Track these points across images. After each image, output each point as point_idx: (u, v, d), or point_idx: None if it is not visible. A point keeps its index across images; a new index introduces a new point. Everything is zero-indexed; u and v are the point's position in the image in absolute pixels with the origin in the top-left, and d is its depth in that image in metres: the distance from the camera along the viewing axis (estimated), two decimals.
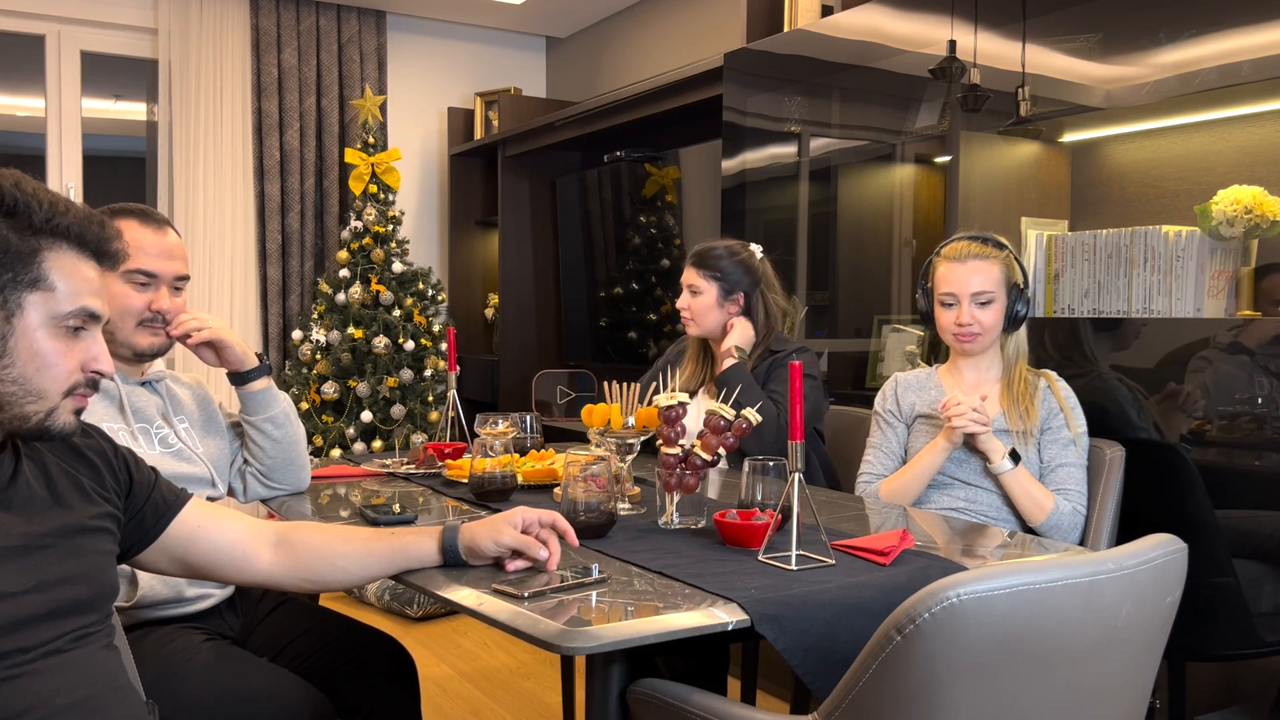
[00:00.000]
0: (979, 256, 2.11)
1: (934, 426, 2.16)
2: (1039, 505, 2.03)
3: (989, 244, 2.13)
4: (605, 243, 4.49)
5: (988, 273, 2.09)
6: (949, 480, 2.13)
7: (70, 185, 4.43)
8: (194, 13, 4.48)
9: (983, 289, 2.09)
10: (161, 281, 1.79)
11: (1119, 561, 1.14)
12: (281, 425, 1.95)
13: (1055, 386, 2.12)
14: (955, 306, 2.12)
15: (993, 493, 2.09)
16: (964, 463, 2.11)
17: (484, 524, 1.45)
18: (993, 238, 2.15)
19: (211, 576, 1.42)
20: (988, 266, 2.10)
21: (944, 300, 2.14)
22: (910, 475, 2.13)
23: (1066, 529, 2.02)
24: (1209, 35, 2.10)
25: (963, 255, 2.12)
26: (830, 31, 2.95)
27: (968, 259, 2.11)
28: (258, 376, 1.93)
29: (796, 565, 1.45)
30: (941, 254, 2.17)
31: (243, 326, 4.61)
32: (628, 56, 4.80)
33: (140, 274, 1.76)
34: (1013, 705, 1.12)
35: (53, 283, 1.13)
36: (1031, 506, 2.03)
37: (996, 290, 2.10)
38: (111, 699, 1.17)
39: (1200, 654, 2.11)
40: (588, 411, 1.93)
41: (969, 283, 2.09)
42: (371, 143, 4.40)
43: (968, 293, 2.10)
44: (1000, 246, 2.13)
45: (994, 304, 2.10)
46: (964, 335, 2.12)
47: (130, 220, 1.78)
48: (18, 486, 1.16)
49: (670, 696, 1.30)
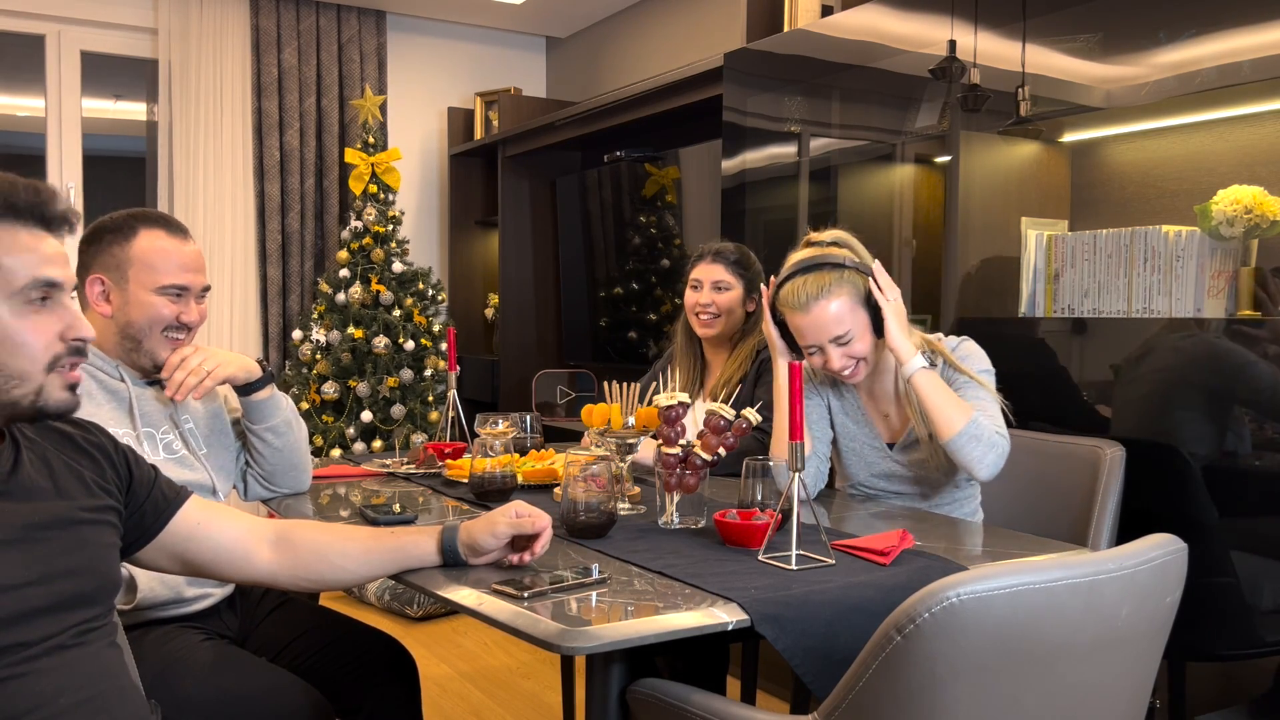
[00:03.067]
0: (819, 297, 1.87)
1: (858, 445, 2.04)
2: (957, 413, 1.80)
3: (824, 270, 1.89)
4: (605, 243, 4.49)
5: (836, 311, 1.88)
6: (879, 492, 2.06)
7: (70, 185, 4.43)
8: (194, 13, 4.48)
9: (838, 331, 1.88)
10: (191, 294, 1.81)
11: (1119, 561, 1.14)
12: (283, 434, 1.95)
13: (938, 346, 1.95)
14: (819, 353, 1.92)
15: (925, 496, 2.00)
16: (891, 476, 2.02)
17: (480, 521, 1.46)
18: (824, 258, 1.91)
19: (211, 574, 1.42)
20: (830, 303, 1.87)
21: (806, 349, 1.94)
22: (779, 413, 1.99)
23: (987, 443, 1.80)
24: (1209, 35, 2.09)
25: (803, 302, 1.89)
26: (830, 31, 2.95)
27: (809, 306, 1.88)
28: (262, 386, 1.92)
29: (796, 565, 1.45)
30: (782, 299, 1.94)
31: (243, 326, 4.62)
32: (628, 56, 4.80)
33: (174, 289, 1.77)
34: (1013, 705, 1.12)
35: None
36: (947, 414, 1.80)
37: (851, 321, 1.89)
38: (115, 698, 1.17)
39: (1200, 654, 2.11)
40: (588, 411, 1.93)
41: (822, 330, 1.89)
42: (371, 143, 4.40)
43: (825, 339, 1.90)
44: (836, 266, 1.89)
45: (855, 334, 1.89)
46: (844, 379, 1.95)
47: (157, 230, 1.78)
48: (19, 477, 1.16)
49: (670, 696, 1.30)
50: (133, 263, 1.76)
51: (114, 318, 1.77)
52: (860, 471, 2.08)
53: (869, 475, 2.07)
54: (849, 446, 2.09)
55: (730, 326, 2.51)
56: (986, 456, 1.81)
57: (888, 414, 2.05)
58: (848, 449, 2.09)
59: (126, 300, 1.76)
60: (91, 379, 1.76)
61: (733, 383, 2.46)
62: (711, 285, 2.50)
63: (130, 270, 1.76)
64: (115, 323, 1.77)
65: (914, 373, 1.85)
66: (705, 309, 2.50)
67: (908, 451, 2.01)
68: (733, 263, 2.51)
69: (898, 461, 2.02)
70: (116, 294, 1.76)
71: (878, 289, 1.90)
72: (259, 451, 1.94)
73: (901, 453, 2.02)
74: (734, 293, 2.49)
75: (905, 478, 2.02)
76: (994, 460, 1.82)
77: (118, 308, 1.76)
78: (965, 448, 1.80)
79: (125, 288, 1.76)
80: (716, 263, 2.51)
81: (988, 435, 1.81)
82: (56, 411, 1.16)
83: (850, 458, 2.09)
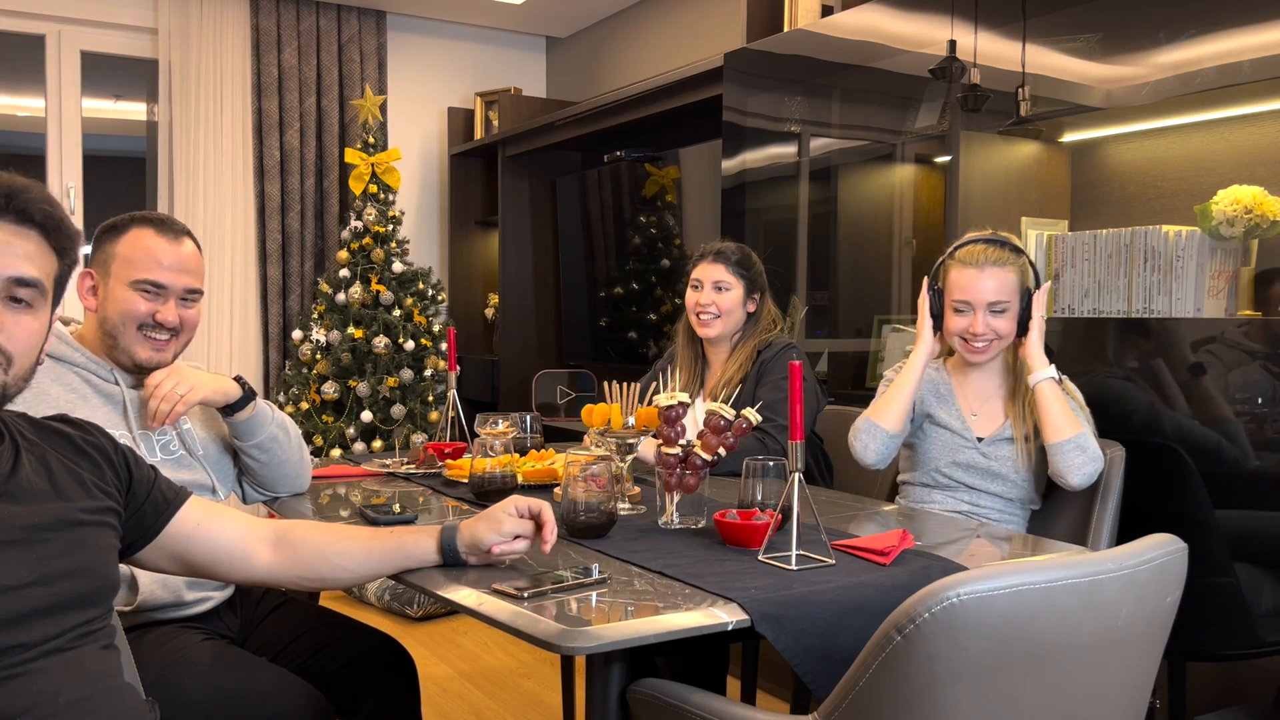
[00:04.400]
0: (996, 263, 2.03)
1: (944, 431, 2.14)
2: (1071, 423, 1.95)
3: (1006, 248, 2.05)
4: (605, 243, 4.49)
5: (1005, 280, 2.03)
6: (952, 483, 2.12)
7: (70, 185, 4.43)
8: (194, 13, 4.48)
9: (999, 298, 2.03)
10: (170, 294, 1.77)
11: (1119, 561, 1.14)
12: (269, 449, 1.91)
13: (1069, 385, 2.08)
14: (969, 314, 2.06)
15: (997, 496, 2.09)
16: (970, 467, 2.11)
17: (482, 518, 1.46)
18: (1009, 240, 2.07)
19: (211, 575, 1.42)
20: (1005, 274, 2.03)
21: (957, 306, 2.07)
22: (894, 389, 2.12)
23: (1090, 455, 1.94)
24: (1209, 35, 2.09)
25: (979, 261, 2.04)
26: (830, 31, 2.95)
27: (985, 265, 2.04)
28: (242, 406, 1.86)
29: (796, 565, 1.45)
30: (956, 257, 2.09)
31: (243, 326, 4.62)
32: (628, 56, 4.80)
33: (148, 284, 1.74)
34: (1013, 705, 1.12)
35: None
36: (1061, 422, 1.95)
37: (1012, 298, 2.04)
38: (114, 698, 1.17)
39: (1200, 654, 2.11)
40: (588, 411, 1.93)
41: (985, 291, 2.03)
42: (371, 143, 4.40)
43: (984, 302, 2.03)
44: (1017, 251, 2.06)
45: (1008, 312, 2.04)
46: (974, 345, 2.07)
47: (145, 228, 1.77)
48: (18, 478, 1.16)
49: (670, 696, 1.30)
50: (115, 257, 1.76)
51: (98, 312, 1.77)
52: (942, 457, 2.14)
53: (950, 463, 2.13)
54: (935, 432, 2.15)
55: (730, 326, 2.51)
56: (1085, 467, 1.95)
57: (976, 413, 2.13)
58: (934, 434, 2.16)
59: (106, 295, 1.76)
60: (85, 382, 1.76)
61: (733, 382, 2.45)
62: (712, 285, 2.49)
63: (113, 265, 1.76)
64: (98, 317, 1.77)
65: (1044, 379, 2.00)
66: (705, 309, 2.49)
67: (996, 446, 2.09)
68: (734, 263, 2.50)
69: (984, 455, 2.10)
70: (101, 288, 1.77)
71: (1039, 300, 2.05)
72: (250, 465, 1.93)
73: (990, 446, 2.10)
74: (735, 293, 2.49)
75: (984, 471, 2.09)
76: (1090, 472, 1.95)
77: (100, 302, 1.77)
78: (1070, 454, 1.95)
79: (107, 282, 1.76)
80: (717, 263, 2.51)
81: (1092, 449, 1.96)
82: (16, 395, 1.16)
83: (934, 444, 2.15)
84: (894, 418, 2.11)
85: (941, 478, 2.13)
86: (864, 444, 2.13)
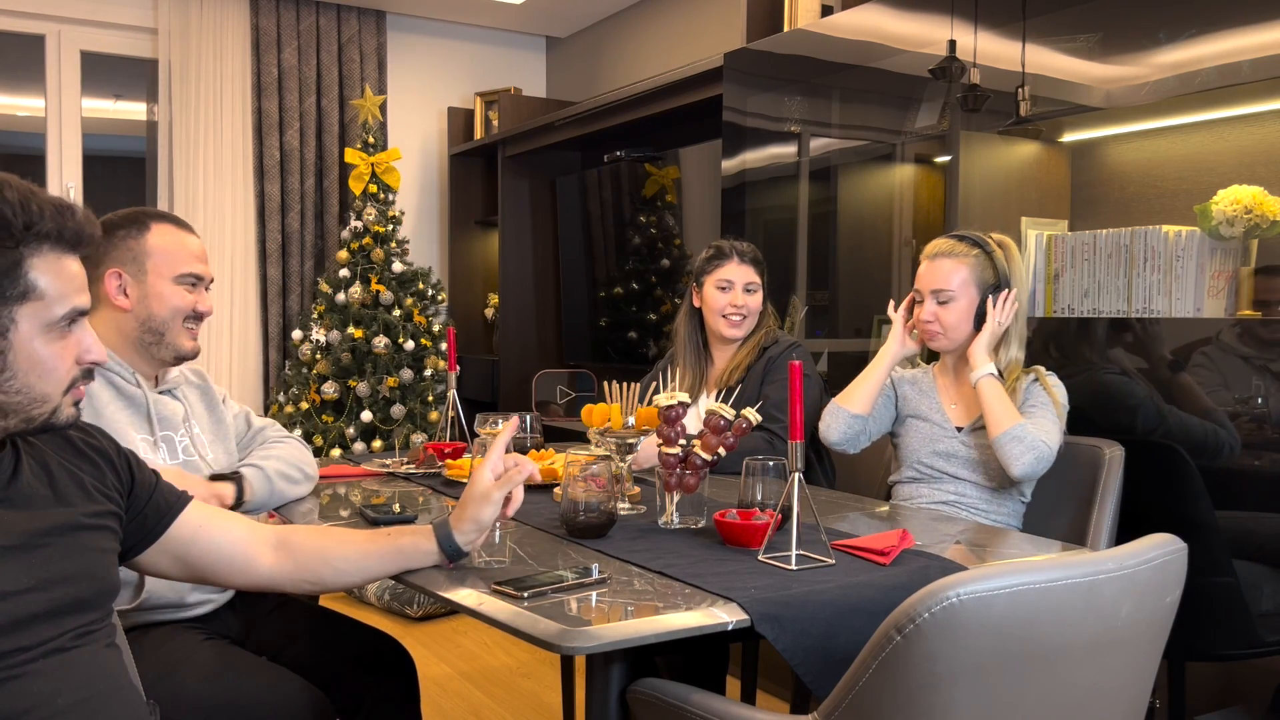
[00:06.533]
0: (947, 255, 2.15)
1: (923, 423, 2.20)
2: (1007, 417, 2.00)
3: (965, 242, 2.16)
4: (605, 243, 4.49)
5: (951, 271, 2.13)
6: (935, 473, 2.15)
7: (70, 185, 4.43)
8: (194, 13, 4.48)
9: (942, 286, 2.13)
10: (204, 284, 1.85)
11: (1119, 561, 1.14)
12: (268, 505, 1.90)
13: (1045, 380, 2.11)
14: (922, 301, 2.18)
15: (980, 485, 2.11)
16: (951, 456, 2.13)
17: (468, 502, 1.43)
18: (973, 236, 2.17)
19: (213, 579, 1.42)
20: (952, 264, 2.13)
21: (915, 297, 2.21)
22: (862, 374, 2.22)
23: (1027, 445, 1.95)
24: (1209, 35, 2.09)
25: (933, 253, 2.17)
26: (830, 31, 2.95)
27: (936, 256, 2.16)
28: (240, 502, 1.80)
29: (796, 565, 1.45)
30: (925, 249, 2.22)
31: (243, 326, 4.62)
32: (628, 56, 4.80)
33: (191, 277, 1.81)
34: (1012, 705, 1.12)
35: (41, 290, 1.12)
36: (999, 415, 2.00)
37: (959, 290, 2.12)
38: (113, 699, 1.17)
39: (1200, 654, 2.11)
40: (588, 411, 1.93)
41: (932, 280, 2.15)
42: (371, 143, 4.40)
43: (928, 289, 2.16)
44: (977, 245, 2.15)
45: (954, 303, 2.13)
46: (925, 332, 2.18)
47: (169, 225, 1.82)
48: (18, 484, 1.16)
49: (670, 696, 1.30)
50: (150, 254, 1.77)
51: (133, 311, 1.77)
52: (922, 448, 2.18)
53: (930, 453, 2.17)
54: (916, 425, 2.21)
55: (751, 327, 2.56)
56: (1024, 456, 1.96)
57: (955, 404, 2.20)
58: (914, 427, 2.21)
59: (146, 292, 1.76)
60: (108, 385, 1.75)
61: (741, 368, 2.47)
62: (743, 287, 2.53)
63: (149, 262, 1.77)
64: (135, 316, 1.77)
65: (980, 378, 2.07)
66: (738, 310, 2.52)
67: (976, 435, 2.14)
68: (758, 263, 2.57)
69: (963, 443, 2.14)
70: (135, 287, 1.76)
71: (992, 304, 2.12)
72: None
73: (969, 435, 2.15)
74: (760, 294, 2.55)
75: (965, 460, 2.13)
76: (1029, 461, 1.96)
77: (137, 300, 1.76)
78: (1006, 445, 1.98)
79: (144, 280, 1.76)
80: (746, 264, 2.54)
81: (1030, 439, 1.96)
82: (63, 426, 1.18)
83: (915, 436, 2.21)
84: (858, 400, 2.19)
85: (924, 469, 2.17)
86: (827, 424, 2.22)
